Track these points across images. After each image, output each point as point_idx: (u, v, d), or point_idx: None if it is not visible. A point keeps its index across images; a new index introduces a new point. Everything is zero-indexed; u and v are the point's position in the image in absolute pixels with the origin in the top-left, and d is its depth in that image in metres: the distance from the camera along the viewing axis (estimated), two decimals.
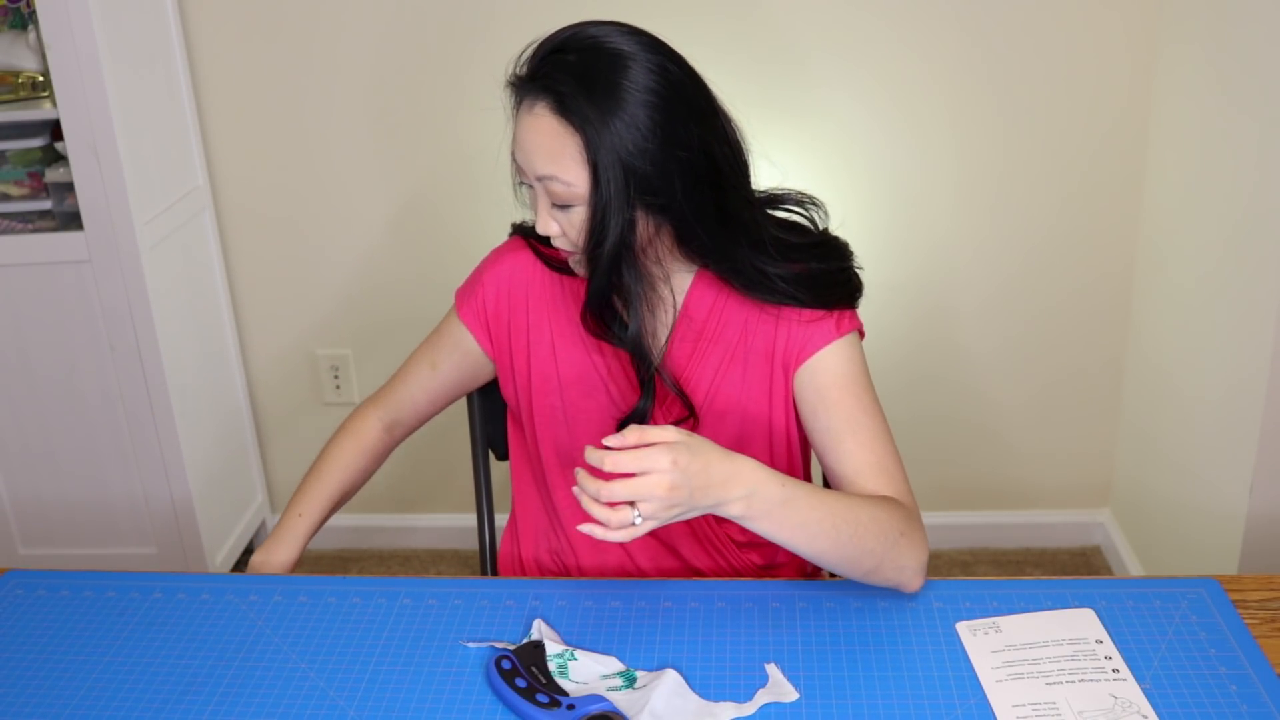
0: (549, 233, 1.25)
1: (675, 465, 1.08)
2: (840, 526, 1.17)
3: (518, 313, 1.42)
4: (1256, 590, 1.25)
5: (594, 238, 1.22)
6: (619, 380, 1.37)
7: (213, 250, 2.53)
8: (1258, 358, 1.89)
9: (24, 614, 1.31)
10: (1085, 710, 1.09)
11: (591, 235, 1.23)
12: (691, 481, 1.09)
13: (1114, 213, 2.41)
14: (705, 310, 1.35)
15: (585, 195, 1.21)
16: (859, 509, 1.19)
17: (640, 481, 1.07)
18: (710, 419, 1.36)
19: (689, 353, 1.35)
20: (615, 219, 1.20)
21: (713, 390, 1.35)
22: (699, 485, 1.10)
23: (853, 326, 1.34)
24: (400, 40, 2.38)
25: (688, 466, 1.09)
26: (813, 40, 2.31)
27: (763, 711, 1.11)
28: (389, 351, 2.61)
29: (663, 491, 1.07)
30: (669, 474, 1.08)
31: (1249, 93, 1.93)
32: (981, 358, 2.54)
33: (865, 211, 2.42)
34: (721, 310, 1.35)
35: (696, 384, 1.35)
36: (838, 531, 1.17)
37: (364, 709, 1.14)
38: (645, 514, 1.08)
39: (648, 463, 1.08)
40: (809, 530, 1.16)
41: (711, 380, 1.35)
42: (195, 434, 2.42)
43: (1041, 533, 2.69)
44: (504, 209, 1.44)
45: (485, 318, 1.44)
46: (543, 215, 1.25)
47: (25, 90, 2.24)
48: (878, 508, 1.21)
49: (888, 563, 1.21)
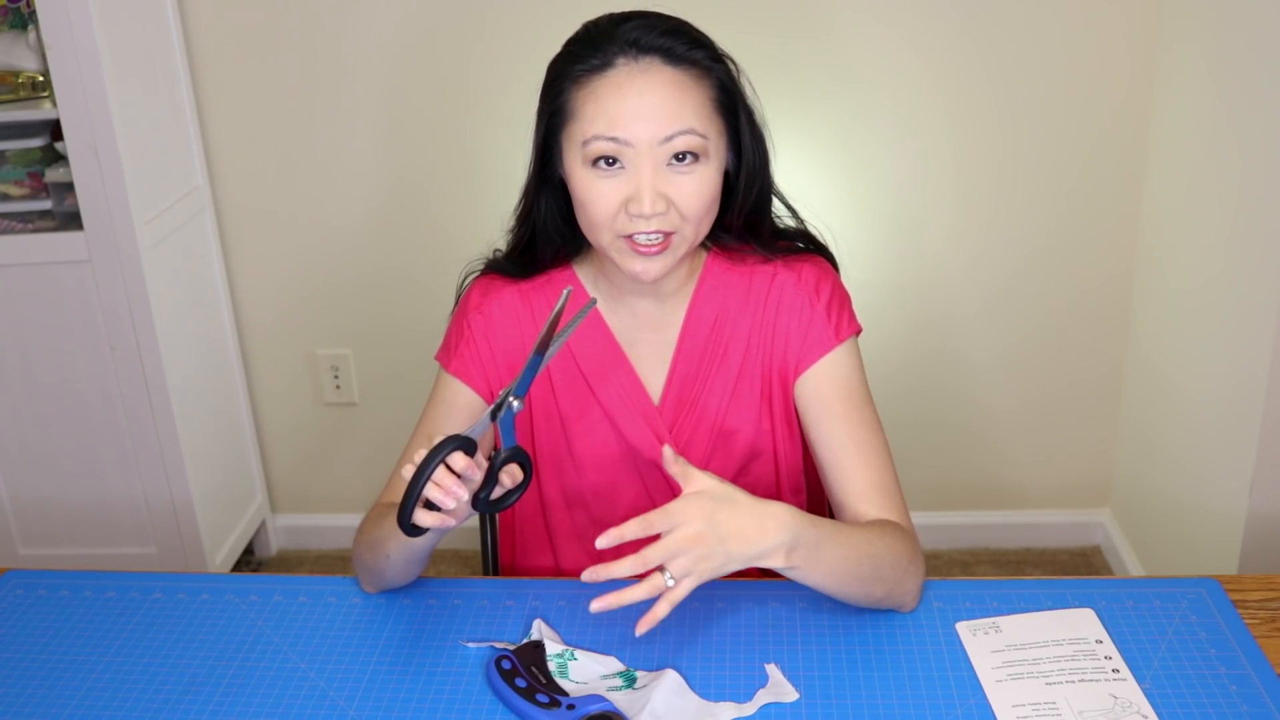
0: (657, 210, 1.17)
1: (704, 517, 1.05)
2: (863, 562, 1.17)
3: (514, 355, 1.35)
4: (1256, 590, 1.25)
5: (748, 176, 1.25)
6: (621, 413, 1.34)
7: (213, 250, 2.53)
8: (1258, 358, 1.89)
9: (24, 614, 1.31)
10: (1085, 710, 1.09)
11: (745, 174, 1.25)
12: (720, 530, 1.06)
13: (1114, 213, 2.41)
14: (707, 329, 1.34)
15: (713, 143, 1.20)
16: (876, 541, 1.19)
17: (668, 539, 1.04)
18: (721, 439, 1.35)
19: (694, 373, 1.34)
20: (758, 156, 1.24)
21: (722, 410, 1.34)
22: (730, 533, 1.06)
23: (852, 330, 1.33)
24: (401, 40, 2.38)
25: (714, 514, 1.05)
26: (811, 42, 2.31)
27: (763, 711, 1.11)
28: (389, 351, 2.61)
29: (687, 543, 1.04)
30: (694, 523, 1.04)
31: (1248, 95, 1.93)
32: (982, 358, 2.54)
33: (865, 214, 2.42)
34: (722, 329, 1.33)
35: (705, 406, 1.34)
36: (860, 567, 1.16)
37: (364, 709, 1.14)
38: (677, 573, 1.04)
39: (675, 518, 1.05)
40: (838, 571, 1.15)
41: (720, 400, 1.34)
42: (195, 434, 2.42)
43: (1041, 533, 2.68)
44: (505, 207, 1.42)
45: (480, 365, 1.34)
46: (649, 190, 1.17)
47: (25, 90, 2.24)
48: (890, 537, 1.20)
49: (896, 590, 1.21)
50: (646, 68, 1.18)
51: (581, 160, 1.20)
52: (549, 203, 1.30)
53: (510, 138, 2.41)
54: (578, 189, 1.21)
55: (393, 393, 2.64)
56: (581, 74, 1.20)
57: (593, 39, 1.21)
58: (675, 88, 1.18)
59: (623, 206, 1.19)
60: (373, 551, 1.25)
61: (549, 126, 1.24)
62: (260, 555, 2.77)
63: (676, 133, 1.17)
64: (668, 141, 1.17)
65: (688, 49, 1.19)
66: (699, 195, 1.20)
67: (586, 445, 1.36)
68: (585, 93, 1.19)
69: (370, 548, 1.25)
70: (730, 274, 1.34)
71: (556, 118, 1.23)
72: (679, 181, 1.19)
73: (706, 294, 1.34)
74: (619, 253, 1.22)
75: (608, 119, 1.17)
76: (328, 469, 2.75)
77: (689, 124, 1.18)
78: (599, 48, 1.19)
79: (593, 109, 1.18)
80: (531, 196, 1.30)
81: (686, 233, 1.22)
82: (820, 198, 1.42)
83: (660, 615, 1.05)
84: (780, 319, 1.32)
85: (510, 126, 2.39)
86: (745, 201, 1.29)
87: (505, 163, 2.46)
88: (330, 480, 2.76)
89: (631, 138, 1.17)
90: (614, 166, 1.19)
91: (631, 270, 1.22)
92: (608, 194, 1.19)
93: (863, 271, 2.30)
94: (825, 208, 1.45)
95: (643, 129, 1.17)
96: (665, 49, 1.18)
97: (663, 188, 1.18)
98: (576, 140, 1.20)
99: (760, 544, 1.08)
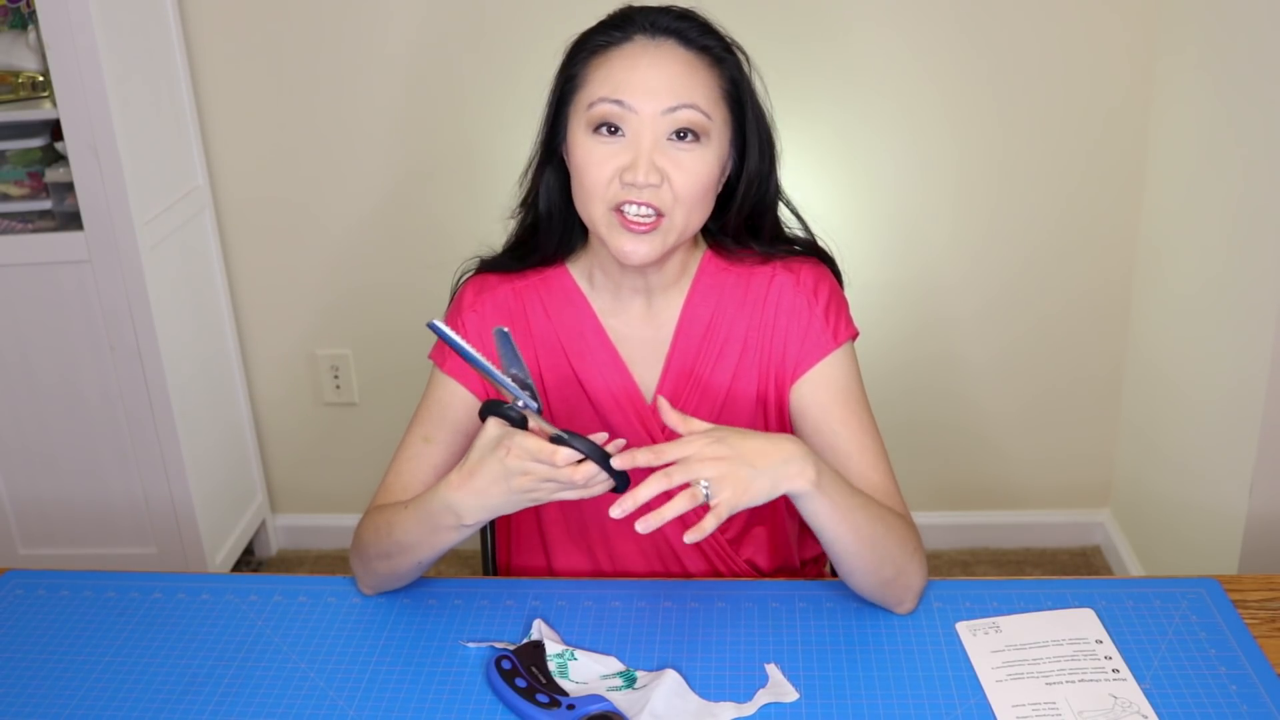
0: (650, 180, 1.18)
1: (712, 436, 1.06)
2: (875, 523, 1.17)
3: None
4: (1256, 590, 1.25)
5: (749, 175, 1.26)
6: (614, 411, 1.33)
7: (213, 250, 2.53)
8: (1258, 358, 1.89)
9: (24, 614, 1.31)
10: (1085, 710, 1.09)
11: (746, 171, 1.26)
12: (737, 449, 1.07)
13: (1114, 214, 2.41)
14: (702, 328, 1.33)
15: (716, 128, 1.22)
16: (887, 515, 1.20)
17: (688, 461, 1.05)
18: None
19: (689, 371, 1.33)
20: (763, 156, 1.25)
21: (715, 411, 1.33)
22: (748, 451, 1.07)
23: (849, 334, 1.33)
24: (401, 40, 2.38)
25: (726, 438, 1.07)
26: (810, 42, 2.31)
27: (763, 711, 1.11)
28: (389, 351, 2.61)
29: (710, 460, 1.05)
30: (710, 446, 1.05)
31: (1248, 95, 1.93)
32: (982, 358, 2.54)
33: (865, 215, 2.42)
34: (718, 328, 1.33)
35: (699, 406, 1.33)
36: (874, 527, 1.17)
37: (364, 709, 1.14)
38: (710, 479, 1.05)
39: (688, 446, 1.06)
40: (854, 518, 1.15)
41: (714, 401, 1.33)
42: (195, 434, 2.42)
43: (1041, 533, 2.69)
44: (504, 208, 1.42)
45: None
46: (645, 159, 1.18)
47: (25, 90, 2.24)
48: (898, 520, 1.21)
49: (902, 576, 1.21)
50: (661, 44, 1.22)
51: (585, 125, 1.21)
52: (553, 180, 1.30)
53: (510, 138, 2.41)
54: (577, 156, 1.22)
55: (393, 393, 2.64)
56: (599, 45, 1.23)
57: (615, 20, 1.25)
58: (686, 66, 1.21)
59: (617, 174, 1.20)
60: (389, 559, 1.24)
61: (560, 97, 1.26)
62: (260, 555, 2.77)
63: (681, 105, 1.19)
64: (671, 113, 1.19)
65: (701, 35, 1.23)
66: (695, 175, 1.20)
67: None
68: (598, 61, 1.23)
69: (386, 555, 1.24)
70: (726, 273, 1.34)
71: (569, 85, 1.25)
72: (677, 158, 1.20)
73: (702, 292, 1.33)
74: (609, 228, 1.22)
75: (615, 83, 1.20)
76: (328, 469, 2.75)
77: (694, 99, 1.20)
78: (620, 26, 1.24)
79: (603, 74, 1.21)
80: (537, 172, 1.31)
81: (677, 217, 1.21)
82: (819, 199, 1.42)
83: (709, 528, 1.04)
84: (779, 321, 1.32)
85: (510, 127, 2.39)
86: (745, 201, 1.29)
87: (505, 162, 2.46)
88: (330, 480, 2.76)
89: (636, 104, 1.19)
90: (615, 135, 1.20)
91: (620, 249, 1.22)
92: (605, 160, 1.20)
93: (862, 272, 2.30)
94: (824, 209, 1.45)
95: (648, 98, 1.19)
96: (681, 32, 1.23)
97: (660, 160, 1.19)
98: (583, 105, 1.22)
99: (779, 456, 1.09)
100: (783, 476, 1.10)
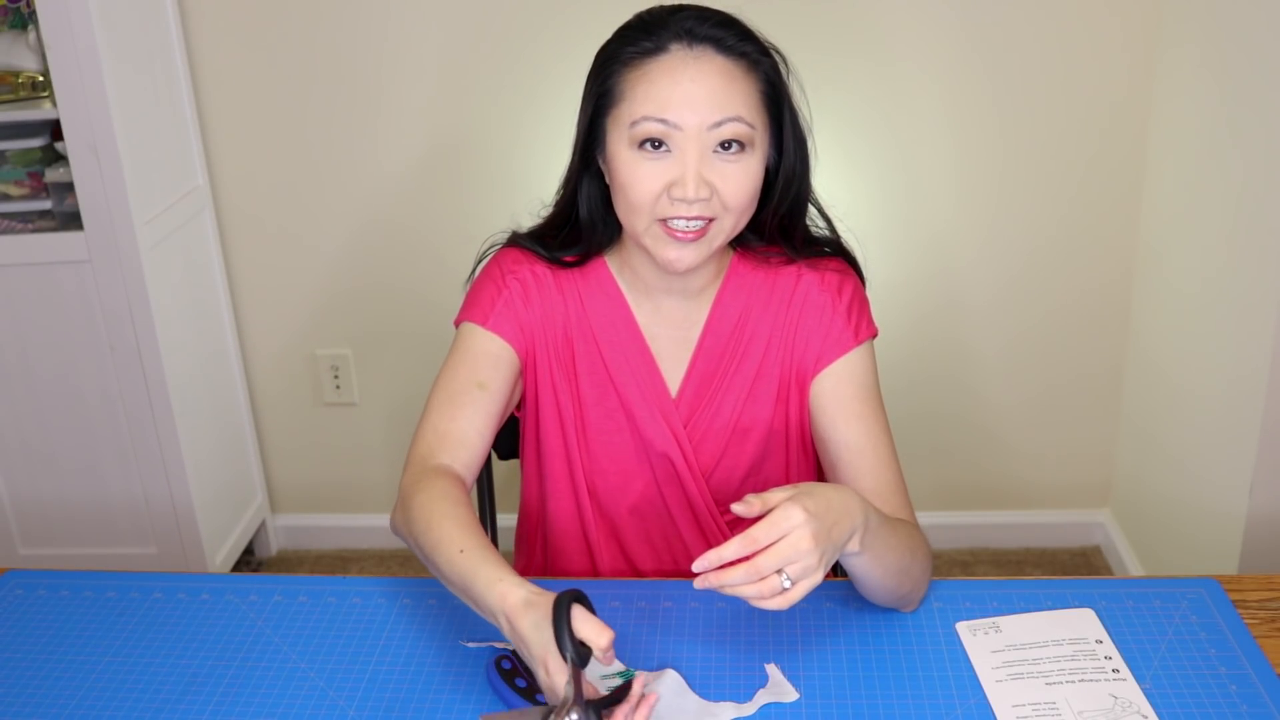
0: (700, 195, 1.17)
1: (807, 513, 1.01)
2: (904, 555, 1.17)
3: (548, 327, 1.34)
4: (1256, 590, 1.25)
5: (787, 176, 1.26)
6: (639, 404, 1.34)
7: (213, 250, 2.53)
8: (1258, 357, 1.89)
9: (24, 614, 1.31)
10: (1085, 710, 1.09)
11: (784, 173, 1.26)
12: (823, 523, 1.03)
13: (1114, 213, 2.41)
14: (730, 329, 1.34)
15: (759, 135, 1.21)
16: (913, 536, 1.20)
17: (784, 544, 1.00)
18: (735, 437, 1.36)
19: (713, 370, 1.35)
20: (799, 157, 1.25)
21: (738, 408, 1.35)
22: (831, 523, 1.03)
23: (870, 333, 1.35)
24: (401, 41, 2.38)
25: (815, 510, 1.02)
26: (812, 41, 2.31)
27: (763, 711, 1.11)
28: (389, 352, 2.61)
29: (808, 544, 1.00)
30: (808, 525, 1.01)
31: (1248, 95, 1.93)
32: (982, 358, 2.54)
33: (866, 212, 2.42)
34: (744, 329, 1.34)
35: (721, 403, 1.35)
36: (903, 559, 1.17)
37: (364, 709, 1.14)
38: (795, 575, 1.00)
39: (782, 525, 1.00)
40: (886, 561, 1.14)
41: (737, 398, 1.35)
42: (195, 434, 2.42)
43: (1041, 533, 2.68)
44: (503, 208, 1.43)
45: (519, 323, 1.32)
46: (694, 175, 1.17)
47: (25, 90, 2.24)
48: (919, 537, 1.22)
49: (916, 590, 1.22)
50: (699, 55, 1.19)
51: (628, 142, 1.20)
52: (592, 188, 1.30)
53: (509, 140, 2.42)
54: (620, 171, 1.21)
55: (393, 393, 2.64)
56: (633, 56, 1.21)
57: (646, 25, 1.22)
58: (726, 77, 1.19)
59: (665, 190, 1.19)
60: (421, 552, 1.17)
61: (595, 110, 1.24)
62: (260, 555, 2.77)
63: (726, 119, 1.18)
64: (716, 128, 1.18)
65: (738, 40, 1.22)
66: (743, 185, 1.20)
67: (601, 431, 1.36)
68: (636, 74, 1.20)
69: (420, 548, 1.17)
70: (755, 274, 1.35)
71: (604, 99, 1.23)
72: (724, 170, 1.20)
73: (731, 293, 1.35)
74: (654, 239, 1.22)
75: (659, 101, 1.18)
76: (328, 469, 2.75)
77: (738, 111, 1.19)
78: (652, 33, 1.21)
79: (644, 90, 1.19)
80: (575, 183, 1.30)
81: (726, 223, 1.22)
82: (822, 198, 1.41)
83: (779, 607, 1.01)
84: (804, 317, 1.33)
85: (510, 128, 2.39)
86: (782, 202, 1.29)
87: (505, 163, 2.47)
88: (330, 480, 2.76)
89: (681, 121, 1.18)
90: (660, 150, 1.19)
91: (665, 258, 1.22)
92: (651, 177, 1.19)
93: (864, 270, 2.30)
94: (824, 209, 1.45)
95: (693, 114, 1.18)
96: (718, 39, 1.20)
97: (708, 174, 1.19)
98: (624, 121, 1.20)
99: (852, 521, 1.06)
100: (847, 545, 1.07)
